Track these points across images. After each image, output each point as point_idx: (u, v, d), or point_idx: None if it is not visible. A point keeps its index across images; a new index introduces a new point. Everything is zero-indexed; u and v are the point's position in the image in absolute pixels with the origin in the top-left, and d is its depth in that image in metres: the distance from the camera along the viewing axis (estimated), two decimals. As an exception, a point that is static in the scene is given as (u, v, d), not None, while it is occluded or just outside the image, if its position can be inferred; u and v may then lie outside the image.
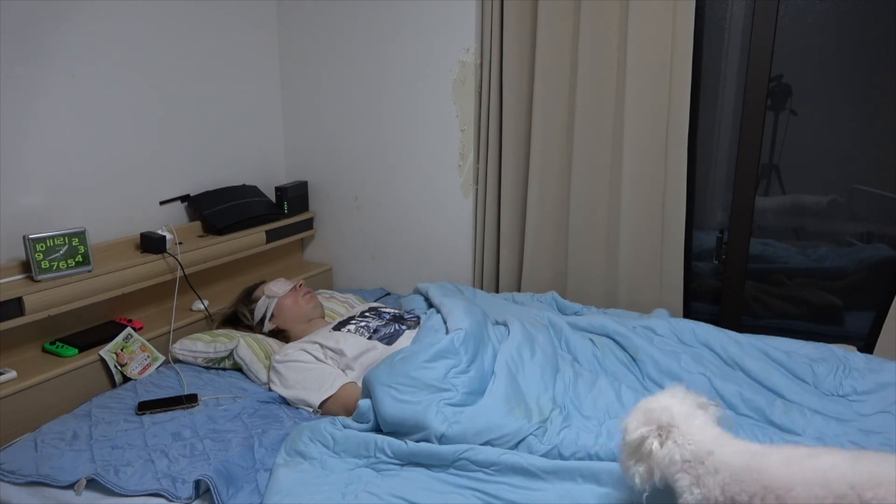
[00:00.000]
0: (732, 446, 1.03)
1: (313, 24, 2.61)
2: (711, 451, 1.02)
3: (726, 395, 1.61)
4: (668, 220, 2.18)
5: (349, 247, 2.79)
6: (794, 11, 2.08)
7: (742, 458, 1.00)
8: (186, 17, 2.27)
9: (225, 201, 2.40)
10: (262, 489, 1.38)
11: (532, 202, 2.33)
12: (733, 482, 0.98)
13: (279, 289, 2.11)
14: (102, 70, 2.01)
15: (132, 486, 1.38)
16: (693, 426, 1.05)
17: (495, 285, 2.52)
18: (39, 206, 1.89)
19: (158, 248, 2.07)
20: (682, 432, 1.05)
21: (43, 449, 1.51)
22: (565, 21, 2.18)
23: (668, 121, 2.11)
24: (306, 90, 2.70)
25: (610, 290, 2.32)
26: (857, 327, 2.24)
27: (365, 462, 1.45)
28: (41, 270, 1.77)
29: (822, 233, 2.24)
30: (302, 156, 2.79)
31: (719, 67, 2.20)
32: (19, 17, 1.78)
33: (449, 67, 2.39)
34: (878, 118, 2.07)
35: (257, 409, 1.72)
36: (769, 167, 2.23)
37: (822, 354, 1.78)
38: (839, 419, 1.54)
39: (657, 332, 1.89)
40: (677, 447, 1.04)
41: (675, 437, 1.05)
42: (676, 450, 1.04)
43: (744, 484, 0.97)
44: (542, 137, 2.28)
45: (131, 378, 1.88)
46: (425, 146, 2.52)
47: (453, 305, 1.88)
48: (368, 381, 1.60)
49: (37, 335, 1.85)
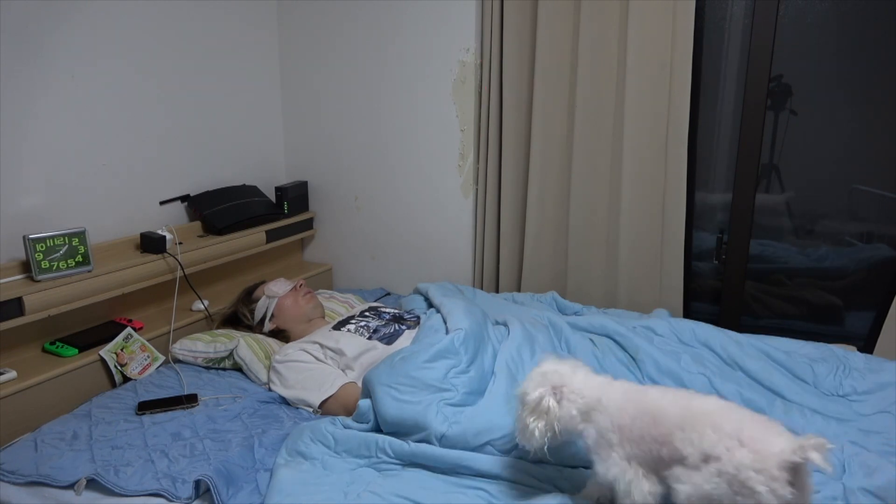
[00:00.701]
0: (615, 387, 1.23)
1: (313, 24, 2.61)
2: (599, 398, 1.20)
3: (726, 395, 1.61)
4: (668, 220, 2.18)
5: (349, 247, 2.79)
6: (794, 11, 2.08)
7: (624, 394, 1.20)
8: (186, 17, 2.27)
9: (225, 201, 2.40)
10: (262, 489, 1.38)
11: (532, 202, 2.33)
12: (618, 413, 1.17)
13: (279, 289, 2.11)
14: (102, 70, 2.01)
15: (132, 486, 1.38)
16: (578, 381, 1.23)
17: (495, 285, 2.52)
18: (39, 206, 1.89)
19: (158, 248, 2.07)
20: (571, 389, 1.22)
21: (43, 449, 1.51)
22: (565, 21, 2.18)
23: (668, 121, 2.11)
24: (306, 90, 2.70)
25: (610, 290, 2.32)
26: (857, 327, 2.24)
27: (366, 462, 1.45)
28: (41, 270, 1.77)
29: (820, 232, 2.24)
30: (302, 156, 2.79)
31: (719, 67, 2.20)
32: (19, 17, 1.78)
33: (449, 67, 2.39)
34: (878, 118, 2.07)
35: (257, 409, 1.72)
36: (769, 167, 2.23)
37: (822, 354, 1.78)
38: (839, 419, 1.54)
39: (657, 332, 1.89)
40: (571, 403, 1.20)
41: (567, 395, 1.21)
42: (572, 406, 1.20)
43: (625, 411, 1.17)
44: (542, 137, 2.28)
45: (131, 378, 1.88)
46: (425, 146, 2.52)
47: (453, 305, 1.88)
48: (368, 382, 1.59)
49: (37, 335, 1.85)
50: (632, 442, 1.15)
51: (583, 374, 1.25)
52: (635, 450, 1.15)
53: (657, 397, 1.17)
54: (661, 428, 1.11)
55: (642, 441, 1.14)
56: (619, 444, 1.16)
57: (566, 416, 1.20)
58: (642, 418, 1.14)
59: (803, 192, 2.24)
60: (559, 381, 1.22)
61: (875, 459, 1.34)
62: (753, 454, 0.99)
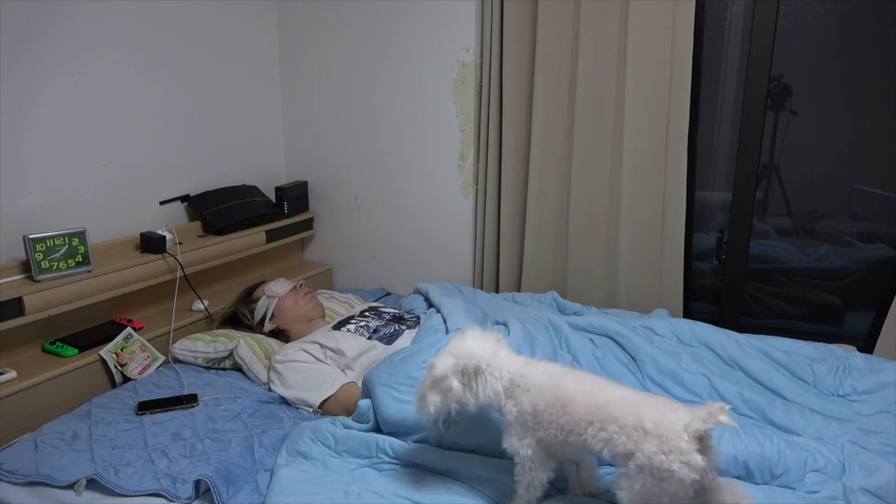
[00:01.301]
0: (539, 368, 1.25)
1: (313, 24, 2.61)
2: (524, 374, 1.23)
3: (726, 395, 1.61)
4: (668, 220, 2.18)
5: (349, 247, 2.79)
6: (794, 11, 2.08)
7: (545, 377, 1.22)
8: (186, 17, 2.27)
9: (225, 201, 2.40)
10: (263, 489, 1.38)
11: (532, 202, 2.33)
12: (537, 396, 1.20)
13: (279, 289, 2.11)
14: (102, 70, 2.01)
15: (132, 486, 1.38)
16: (501, 360, 1.25)
17: (495, 285, 2.52)
18: (39, 206, 1.89)
19: (158, 248, 2.07)
20: (494, 367, 1.23)
21: (43, 449, 1.51)
22: (565, 21, 2.18)
23: (668, 121, 2.11)
24: (306, 90, 2.70)
25: (610, 290, 2.32)
26: (857, 327, 2.24)
27: (367, 462, 1.45)
28: (41, 270, 1.77)
29: (820, 232, 2.24)
30: (302, 156, 2.79)
31: (719, 67, 2.20)
32: (19, 17, 1.78)
33: (449, 67, 2.39)
34: (878, 118, 2.07)
35: (257, 409, 1.72)
36: (769, 167, 2.23)
37: (822, 354, 1.78)
38: (839, 419, 1.54)
39: (657, 332, 1.89)
40: (496, 380, 1.22)
41: (490, 373, 1.23)
42: (497, 382, 1.22)
43: (543, 395, 1.19)
44: (542, 137, 2.28)
45: (131, 378, 1.88)
46: (425, 146, 2.51)
47: (453, 305, 1.88)
48: (368, 382, 1.59)
49: (37, 335, 1.85)
50: (544, 427, 1.18)
51: (505, 353, 1.27)
52: (547, 435, 1.18)
53: (571, 386, 1.19)
54: (569, 417, 1.15)
55: (550, 427, 1.17)
56: (533, 428, 1.19)
57: (491, 392, 1.22)
58: (555, 405, 1.17)
59: (803, 193, 2.24)
60: (474, 363, 1.23)
61: (875, 459, 1.34)
62: (659, 439, 1.03)
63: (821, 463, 1.33)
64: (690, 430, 1.02)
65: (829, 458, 1.34)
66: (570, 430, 1.15)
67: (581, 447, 1.15)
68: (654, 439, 1.03)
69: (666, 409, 1.08)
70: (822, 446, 1.38)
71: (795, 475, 1.31)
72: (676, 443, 1.02)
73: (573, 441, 1.15)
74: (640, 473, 1.04)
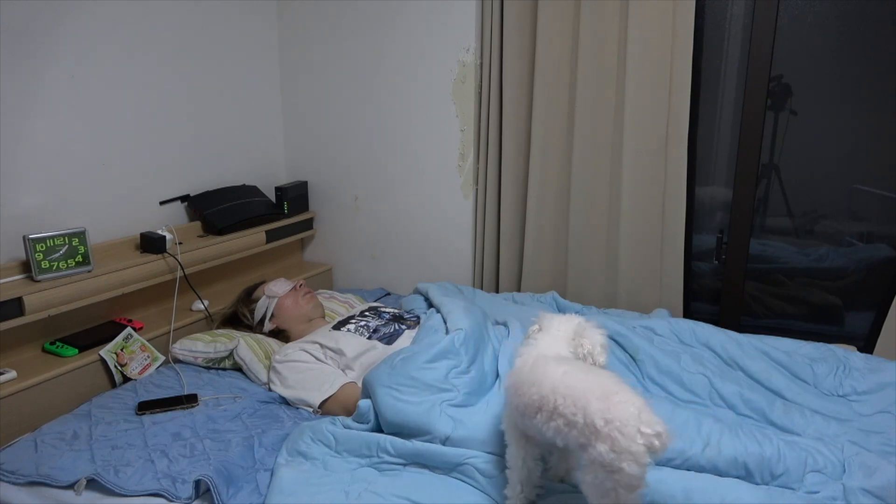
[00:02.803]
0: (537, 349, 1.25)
1: (313, 24, 2.61)
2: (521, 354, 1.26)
3: (726, 395, 1.61)
4: (668, 220, 2.18)
5: (349, 247, 2.79)
6: (794, 11, 2.08)
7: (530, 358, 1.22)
8: (186, 17, 2.27)
9: (225, 201, 2.40)
10: (263, 489, 1.38)
11: (532, 202, 2.33)
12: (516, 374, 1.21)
13: (279, 289, 2.11)
14: (102, 70, 2.01)
15: (132, 486, 1.38)
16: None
17: (495, 285, 2.52)
18: (39, 206, 1.89)
19: (158, 248, 2.07)
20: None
21: (43, 449, 1.51)
22: (565, 21, 2.18)
23: (668, 121, 2.11)
24: (306, 90, 2.70)
25: (610, 291, 2.32)
26: (857, 327, 2.24)
27: (367, 462, 1.44)
28: (41, 270, 1.77)
29: (820, 232, 2.24)
30: (302, 156, 2.79)
31: (719, 67, 2.20)
32: (19, 17, 1.78)
33: (449, 67, 2.39)
34: (878, 118, 2.07)
35: (257, 409, 1.72)
36: (769, 167, 2.23)
37: (822, 354, 1.78)
38: (839, 419, 1.54)
39: (657, 332, 1.89)
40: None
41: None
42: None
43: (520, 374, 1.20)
44: (542, 137, 2.28)
45: (131, 378, 1.88)
46: (425, 146, 2.51)
47: (453, 305, 1.88)
48: (369, 382, 1.59)
49: (37, 335, 1.85)
50: (511, 406, 1.20)
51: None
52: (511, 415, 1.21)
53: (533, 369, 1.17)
54: (520, 400, 1.15)
55: (511, 407, 1.20)
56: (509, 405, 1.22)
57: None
58: (520, 387, 1.17)
59: (803, 192, 2.24)
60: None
61: (875, 459, 1.34)
62: (610, 440, 1.00)
63: (821, 463, 1.33)
64: (644, 432, 0.99)
65: (829, 458, 1.34)
66: (522, 412, 1.15)
67: (539, 433, 1.13)
68: (605, 439, 1.01)
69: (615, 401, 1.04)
70: (822, 446, 1.38)
71: (795, 475, 1.31)
72: (627, 445, 0.99)
73: (529, 426, 1.15)
74: (592, 465, 1.03)
